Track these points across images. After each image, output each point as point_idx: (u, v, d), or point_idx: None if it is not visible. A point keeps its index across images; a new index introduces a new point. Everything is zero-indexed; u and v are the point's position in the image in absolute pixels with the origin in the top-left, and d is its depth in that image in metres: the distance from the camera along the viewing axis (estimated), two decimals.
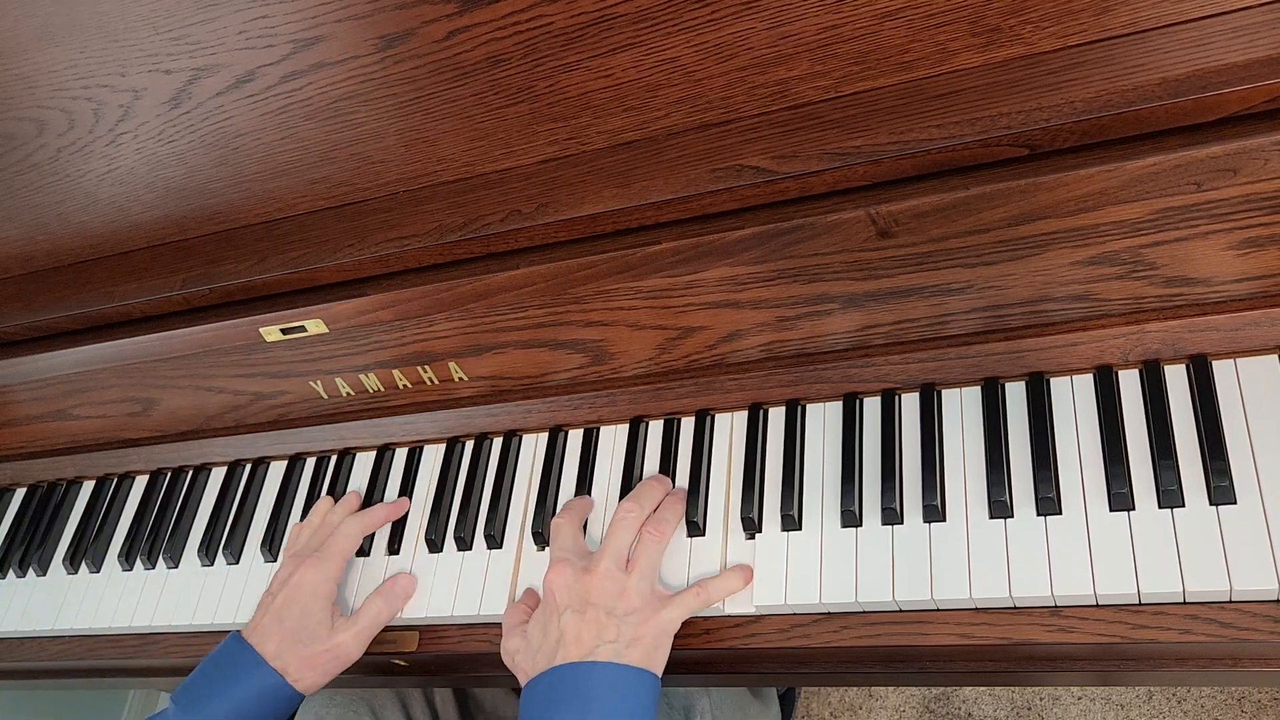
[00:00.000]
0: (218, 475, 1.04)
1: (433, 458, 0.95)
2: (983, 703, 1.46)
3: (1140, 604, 0.66)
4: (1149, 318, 0.72)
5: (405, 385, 0.94)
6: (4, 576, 1.08)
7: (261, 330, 0.92)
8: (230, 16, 0.80)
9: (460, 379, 0.92)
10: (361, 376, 0.95)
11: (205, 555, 0.98)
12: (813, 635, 0.74)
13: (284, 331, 0.92)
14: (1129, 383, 0.74)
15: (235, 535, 0.98)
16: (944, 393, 0.78)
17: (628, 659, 0.71)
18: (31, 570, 1.06)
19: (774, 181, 0.73)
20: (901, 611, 0.72)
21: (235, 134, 0.87)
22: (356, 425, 0.98)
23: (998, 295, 0.74)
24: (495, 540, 0.87)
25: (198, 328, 0.94)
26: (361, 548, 0.91)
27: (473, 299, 0.85)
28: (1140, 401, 0.72)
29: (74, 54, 0.86)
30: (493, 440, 0.93)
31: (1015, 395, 0.76)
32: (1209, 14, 0.65)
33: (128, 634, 0.98)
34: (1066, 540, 0.69)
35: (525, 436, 0.93)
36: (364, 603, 0.85)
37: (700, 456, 0.83)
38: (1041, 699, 1.44)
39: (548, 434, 0.91)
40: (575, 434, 0.90)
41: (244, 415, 1.02)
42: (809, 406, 0.82)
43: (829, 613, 0.74)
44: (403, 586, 0.87)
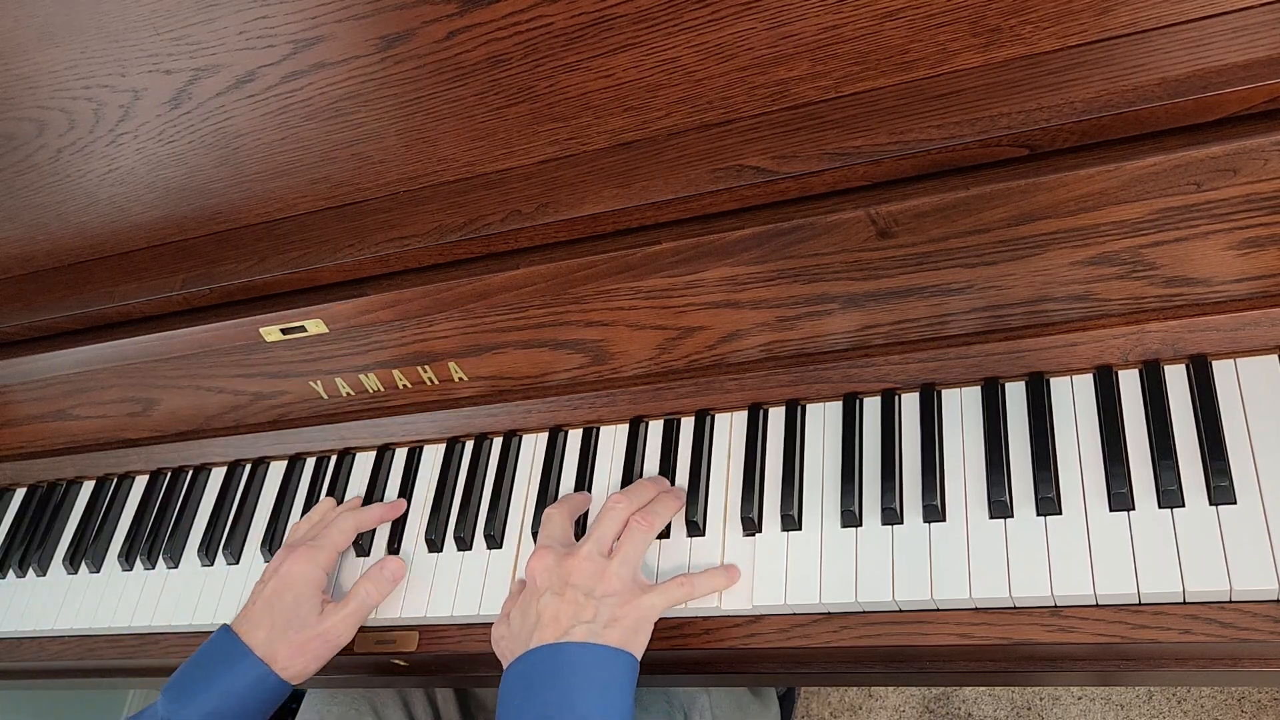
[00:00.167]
0: (218, 475, 1.04)
1: (433, 458, 0.95)
2: (983, 703, 1.46)
3: (1140, 604, 0.66)
4: (1149, 318, 0.72)
5: (405, 385, 0.94)
6: (4, 576, 1.08)
7: (261, 330, 0.92)
8: (230, 17, 0.80)
9: (460, 379, 0.92)
10: (361, 376, 0.95)
11: (205, 555, 0.98)
12: (813, 635, 0.74)
13: (284, 331, 0.92)
14: (1129, 383, 0.74)
15: (235, 535, 0.98)
16: (944, 393, 0.78)
17: (604, 639, 0.70)
18: (31, 570, 1.06)
19: (774, 181, 0.73)
20: (901, 611, 0.72)
21: (235, 134, 0.87)
22: (356, 425, 0.98)
23: (998, 295, 0.75)
24: (495, 540, 0.87)
25: (198, 328, 0.94)
26: (362, 547, 0.91)
27: (473, 299, 0.85)
28: (1140, 401, 0.72)
29: (74, 54, 0.86)
30: (493, 440, 0.93)
31: (1015, 395, 0.76)
32: (1209, 14, 0.65)
33: (127, 634, 0.98)
34: (1066, 540, 0.69)
35: (525, 436, 0.93)
36: (353, 586, 0.86)
37: (700, 456, 0.83)
38: (1041, 699, 1.44)
39: (548, 434, 0.91)
40: (575, 434, 0.90)
41: (244, 415, 1.02)
42: (809, 406, 0.82)
43: (829, 613, 0.74)
44: (391, 570, 0.87)
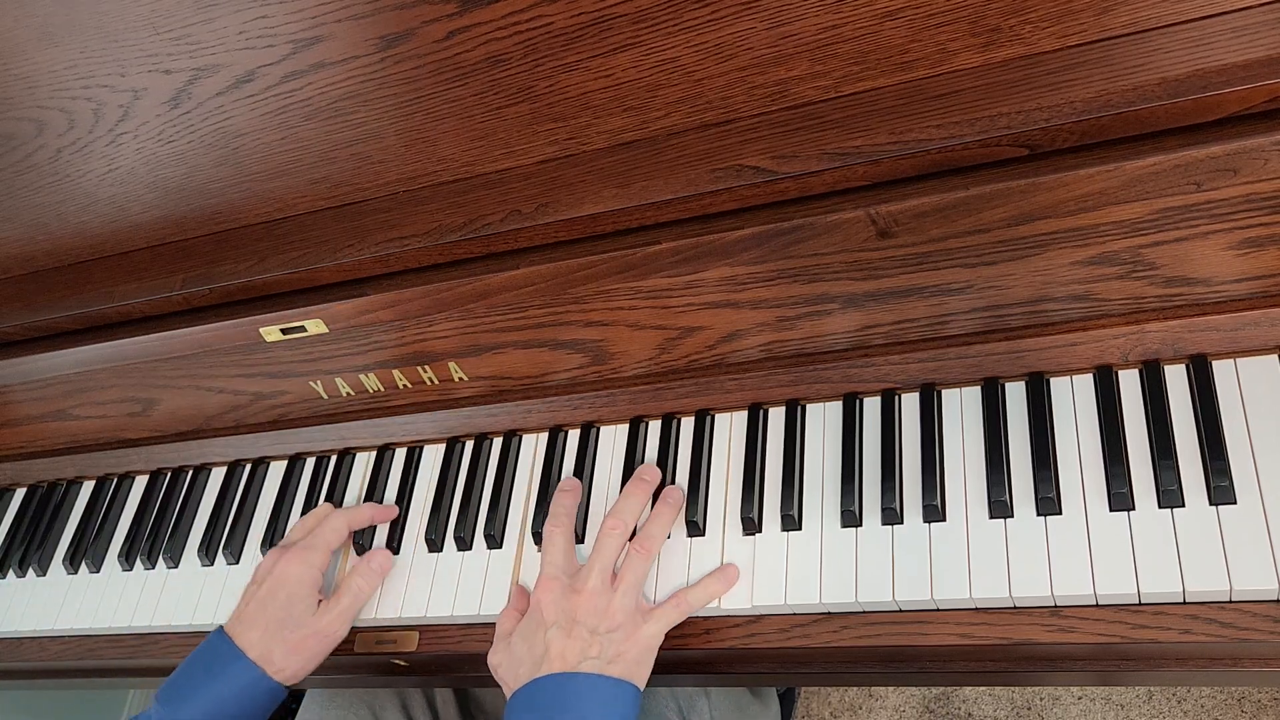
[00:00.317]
0: (218, 475, 1.04)
1: (433, 458, 0.95)
2: (983, 703, 1.46)
3: (1140, 604, 0.66)
4: (1149, 318, 0.72)
5: (405, 385, 0.94)
6: (4, 576, 1.08)
7: (261, 330, 0.92)
8: (230, 16, 0.80)
9: (460, 379, 0.92)
10: (361, 376, 0.95)
11: (205, 555, 0.98)
12: (813, 635, 0.74)
13: (284, 331, 0.92)
14: (1129, 383, 0.74)
15: (235, 535, 0.98)
16: (944, 393, 0.78)
17: (610, 673, 0.73)
18: (31, 570, 1.06)
19: (774, 181, 0.73)
20: (901, 611, 0.72)
21: (235, 134, 0.87)
22: (356, 425, 0.98)
23: (998, 295, 0.74)
24: (495, 540, 0.87)
25: (198, 328, 0.94)
26: (361, 546, 0.91)
27: (473, 299, 0.85)
28: (1140, 401, 0.72)
29: (74, 54, 0.86)
30: (493, 440, 0.93)
31: (1015, 395, 0.76)
32: (1209, 14, 0.65)
33: (128, 634, 0.98)
34: (1066, 540, 0.69)
35: (525, 436, 0.93)
36: (343, 581, 0.86)
37: (700, 456, 0.83)
38: (1041, 699, 1.44)
39: (548, 434, 0.91)
40: (575, 434, 0.90)
41: (244, 415, 1.02)
42: (809, 406, 0.82)
43: (829, 613, 0.74)
44: (379, 562, 0.87)
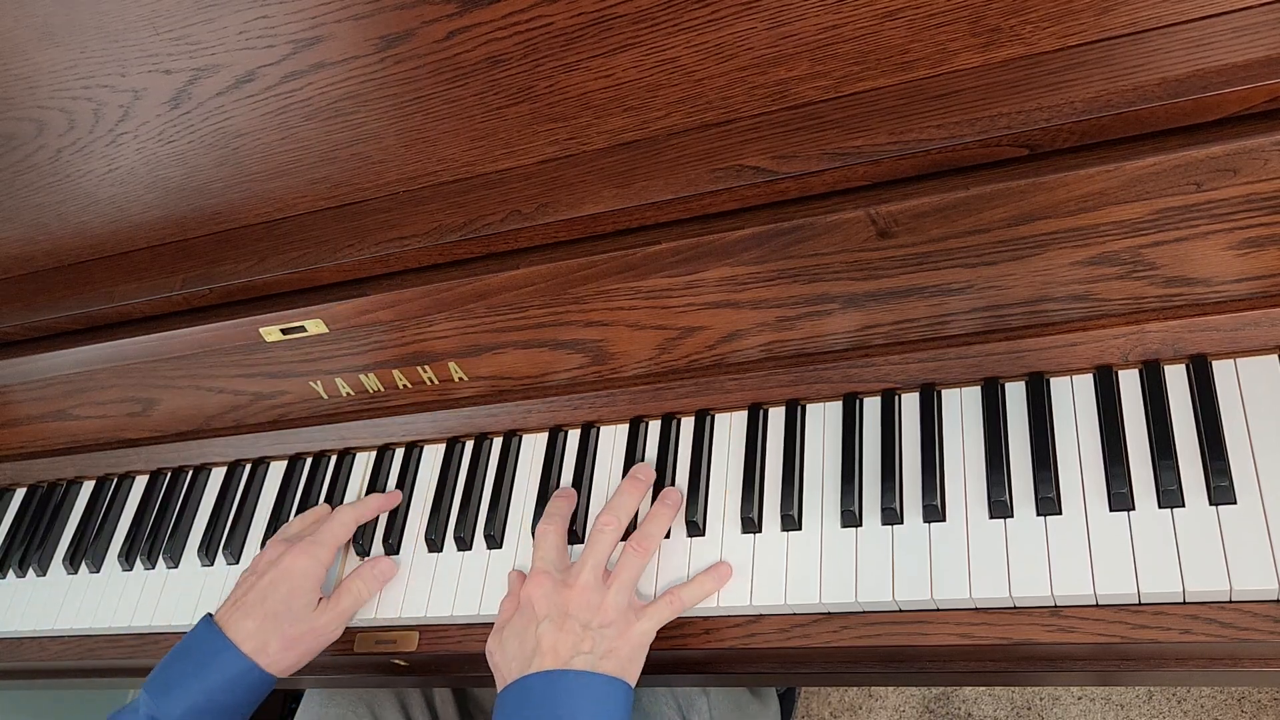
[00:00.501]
0: (218, 475, 1.04)
1: (433, 458, 0.95)
2: (983, 703, 1.46)
3: (1140, 604, 0.66)
4: (1149, 318, 0.72)
5: (405, 385, 0.94)
6: (4, 576, 1.08)
7: (261, 330, 0.92)
8: (230, 16, 0.80)
9: (460, 379, 0.92)
10: (361, 376, 0.95)
11: (205, 555, 0.98)
12: (813, 635, 0.74)
13: (284, 331, 0.92)
14: (1129, 383, 0.74)
15: (235, 535, 0.98)
16: (944, 393, 0.78)
17: (601, 669, 0.72)
18: (31, 570, 1.06)
19: (774, 181, 0.73)
20: (901, 611, 0.72)
21: (235, 134, 0.87)
22: (356, 425, 0.98)
23: (998, 295, 0.74)
24: (495, 540, 0.87)
25: (198, 328, 0.94)
26: (361, 546, 0.91)
27: (473, 299, 0.85)
28: (1140, 401, 0.72)
29: (74, 54, 0.86)
30: (493, 440, 0.93)
31: (1015, 395, 0.76)
32: (1209, 14, 0.65)
33: (128, 634, 0.98)
34: (1066, 540, 0.69)
35: (525, 436, 0.93)
36: (343, 583, 0.86)
37: (700, 456, 0.83)
38: (1041, 699, 1.44)
39: (548, 434, 0.91)
40: (575, 434, 0.90)
41: (244, 415, 1.02)
42: (809, 406, 0.82)
43: (829, 613, 0.74)
44: (382, 569, 0.88)
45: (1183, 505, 0.67)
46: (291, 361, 0.96)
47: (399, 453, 0.97)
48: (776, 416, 0.83)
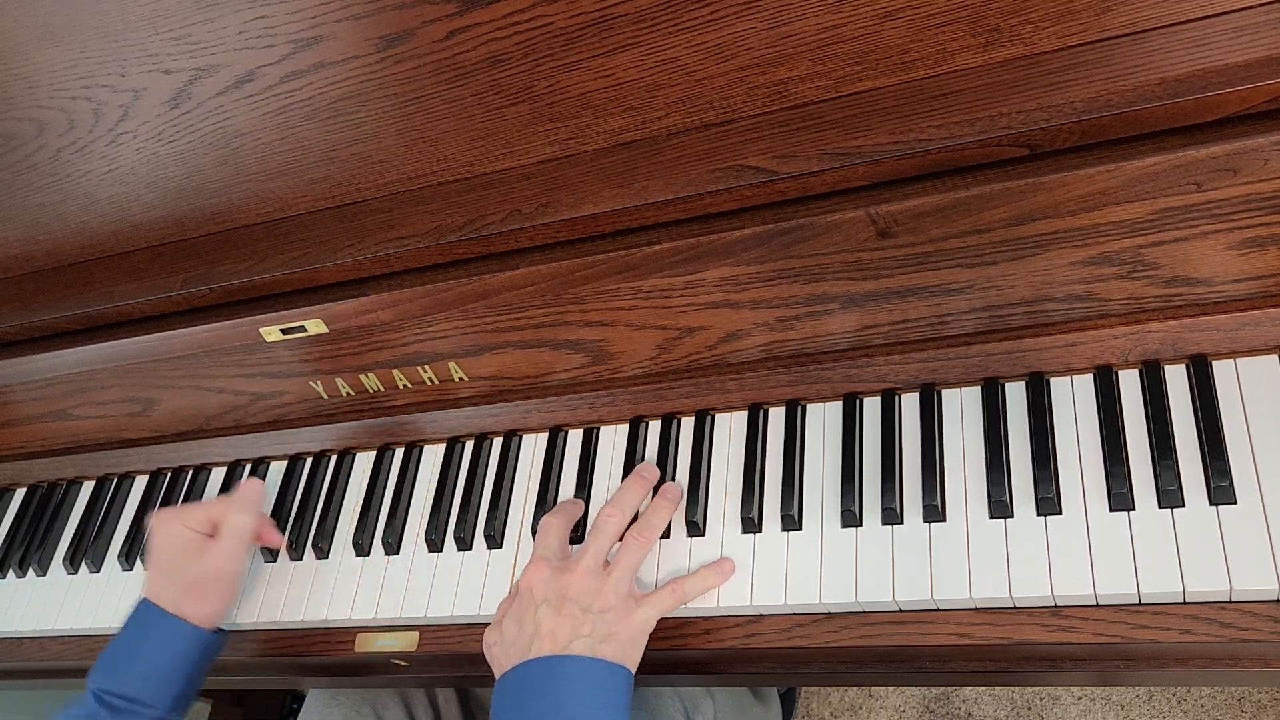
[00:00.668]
0: (218, 475, 1.04)
1: (433, 458, 0.95)
2: (983, 703, 1.46)
3: (1140, 604, 0.66)
4: (1149, 318, 0.72)
5: (405, 385, 0.94)
6: (4, 576, 1.08)
7: (261, 330, 0.92)
8: (230, 16, 0.80)
9: (460, 379, 0.92)
10: (361, 376, 0.95)
11: None
12: (813, 635, 0.74)
13: (284, 331, 0.92)
14: (1129, 383, 0.74)
15: None
16: (944, 393, 0.78)
17: (601, 654, 0.71)
18: (32, 570, 1.06)
19: (774, 181, 0.73)
20: (901, 611, 0.72)
21: (235, 134, 0.87)
22: (356, 425, 0.98)
23: (998, 295, 0.74)
24: (495, 540, 0.87)
25: (198, 328, 0.94)
26: (362, 548, 0.91)
27: (473, 299, 0.85)
28: (1140, 401, 0.72)
29: (74, 54, 0.86)
30: (493, 440, 0.93)
31: (1015, 395, 0.76)
32: (1209, 14, 0.65)
33: None
34: (1066, 540, 0.69)
35: (525, 436, 0.93)
36: (226, 522, 0.88)
37: (700, 456, 0.83)
38: (1041, 699, 1.44)
39: (548, 434, 0.91)
40: (575, 434, 0.90)
41: (244, 415, 1.02)
42: (809, 406, 0.82)
43: (829, 613, 0.74)
44: (248, 490, 0.90)
45: (1183, 505, 0.67)
46: (291, 361, 0.96)
47: (399, 453, 0.97)
48: (776, 416, 0.83)
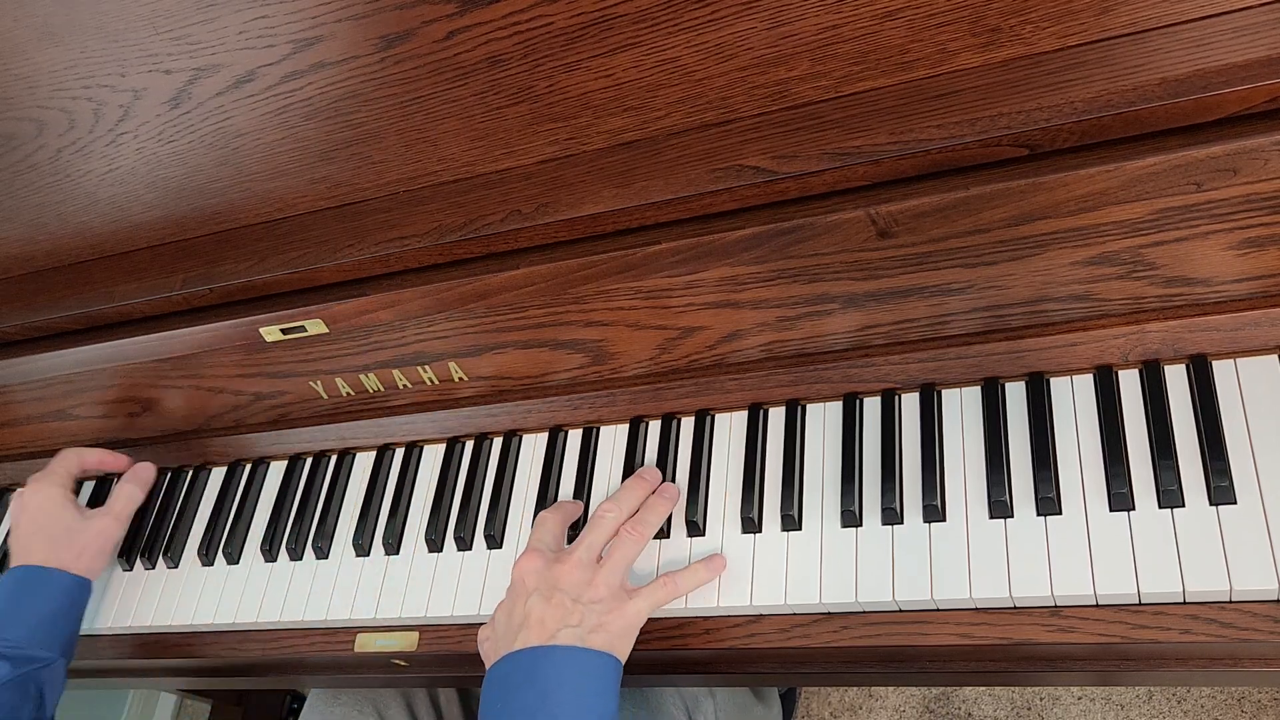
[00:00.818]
0: (218, 475, 1.04)
1: (433, 457, 0.95)
2: (983, 703, 1.46)
3: (1140, 604, 0.66)
4: (1149, 318, 0.72)
5: (405, 385, 0.94)
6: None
7: (261, 330, 0.92)
8: (230, 16, 0.80)
9: (460, 379, 0.92)
10: (361, 376, 0.95)
11: (205, 555, 0.98)
12: (813, 635, 0.74)
13: (284, 331, 0.92)
14: (1129, 383, 0.74)
15: (235, 536, 0.97)
16: (944, 393, 0.78)
17: (590, 644, 0.70)
18: None
19: (774, 181, 0.73)
20: (901, 611, 0.72)
21: (235, 134, 0.87)
22: (356, 425, 0.98)
23: (998, 295, 0.74)
24: (495, 540, 0.87)
25: (198, 328, 0.94)
26: (362, 548, 0.91)
27: (473, 299, 0.85)
28: (1140, 401, 0.72)
29: (74, 54, 0.86)
30: (493, 440, 0.93)
31: (1015, 395, 0.76)
32: (1209, 14, 0.65)
33: (127, 634, 0.98)
34: (1066, 540, 0.69)
35: (525, 436, 0.93)
36: (114, 491, 0.99)
37: (700, 456, 0.83)
38: (1041, 699, 1.44)
39: (548, 434, 0.91)
40: (575, 434, 0.90)
41: (244, 415, 1.02)
42: (809, 406, 0.82)
43: (829, 613, 0.74)
44: (142, 470, 1.00)
45: (1183, 505, 0.67)
46: (291, 361, 0.96)
47: (399, 452, 0.97)
48: (776, 416, 0.83)
